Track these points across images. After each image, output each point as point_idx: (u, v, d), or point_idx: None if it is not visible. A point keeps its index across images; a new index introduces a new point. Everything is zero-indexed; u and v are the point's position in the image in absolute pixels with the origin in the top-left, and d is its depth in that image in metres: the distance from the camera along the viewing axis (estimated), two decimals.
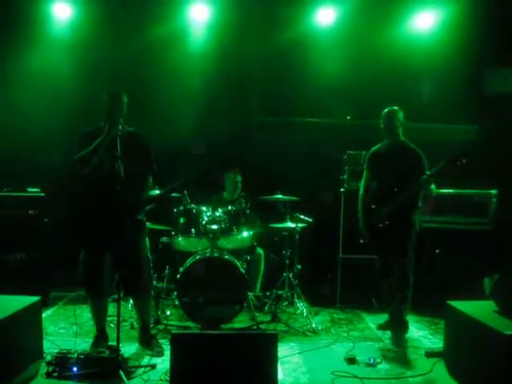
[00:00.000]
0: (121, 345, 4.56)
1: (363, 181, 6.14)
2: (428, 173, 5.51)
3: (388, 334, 5.89)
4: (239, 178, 7.26)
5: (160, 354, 5.10)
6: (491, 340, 4.18)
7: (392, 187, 5.68)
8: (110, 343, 5.01)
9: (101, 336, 5.15)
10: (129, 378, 4.43)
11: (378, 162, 6.00)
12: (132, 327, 5.80)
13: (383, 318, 6.20)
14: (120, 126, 4.82)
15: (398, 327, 5.83)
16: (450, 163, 5.31)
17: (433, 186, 5.73)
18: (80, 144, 4.96)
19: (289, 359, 5.12)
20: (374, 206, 5.82)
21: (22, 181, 6.92)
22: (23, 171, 7.19)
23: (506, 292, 4.64)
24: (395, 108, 5.87)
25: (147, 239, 5.32)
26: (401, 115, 5.84)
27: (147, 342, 5.26)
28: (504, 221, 6.73)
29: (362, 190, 6.11)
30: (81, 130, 5.16)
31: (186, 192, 6.35)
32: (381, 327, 6.10)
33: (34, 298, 4.83)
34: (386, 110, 5.89)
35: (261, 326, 6.04)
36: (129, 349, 5.17)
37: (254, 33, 7.82)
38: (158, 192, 6.00)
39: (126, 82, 6.76)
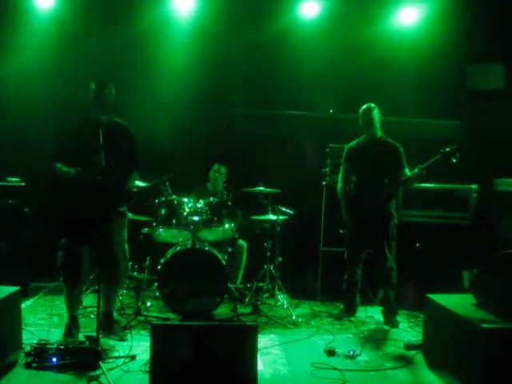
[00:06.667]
0: (100, 335, 4.54)
1: (341, 175, 6.30)
2: (421, 166, 5.65)
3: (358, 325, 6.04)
4: (223, 170, 7.25)
5: (123, 339, 5.14)
6: (470, 333, 4.22)
7: (373, 180, 5.93)
8: (90, 334, 4.97)
9: (72, 324, 5.13)
10: (109, 369, 4.40)
11: (356, 157, 6.16)
12: None
13: (360, 310, 6.30)
14: (104, 117, 4.81)
15: (388, 312, 6.05)
16: (444, 158, 5.47)
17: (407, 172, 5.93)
18: (60, 140, 5.13)
19: (269, 351, 5.13)
20: (367, 194, 5.94)
21: (2, 170, 6.87)
22: (3, 160, 7.12)
23: (484, 285, 4.69)
24: (372, 105, 6.04)
25: (125, 231, 5.31)
26: (377, 111, 6.03)
27: (109, 326, 5.28)
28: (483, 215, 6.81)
29: (340, 184, 6.26)
30: (63, 127, 5.17)
31: (167, 183, 6.35)
32: (337, 317, 6.21)
33: (13, 288, 4.78)
34: (363, 107, 6.07)
35: (241, 317, 6.06)
36: (108, 339, 5.16)
37: (237, 25, 7.79)
38: (141, 184, 6.02)
39: (108, 73, 6.71)
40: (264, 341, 5.32)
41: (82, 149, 4.91)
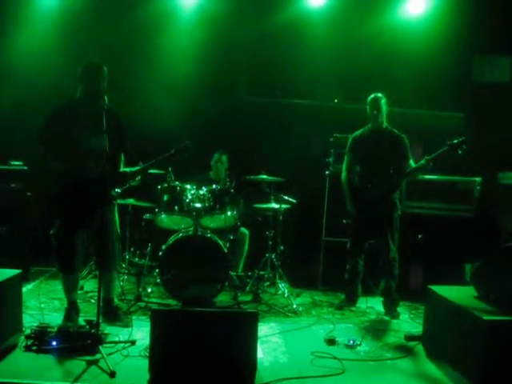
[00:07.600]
0: (100, 320, 4.55)
1: (345, 164, 6.27)
2: (427, 157, 5.63)
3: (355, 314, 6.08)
4: (224, 159, 7.22)
5: (127, 325, 5.12)
6: (471, 325, 4.21)
7: (377, 170, 5.92)
8: (90, 318, 4.98)
9: (72, 308, 5.15)
10: (108, 354, 4.40)
11: (361, 147, 6.14)
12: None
13: (361, 301, 6.29)
14: (106, 99, 4.78)
15: (389, 303, 6.06)
16: (452, 150, 5.44)
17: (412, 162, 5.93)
18: (50, 122, 5.02)
19: (269, 339, 5.13)
20: (369, 185, 5.94)
21: (5, 153, 6.85)
22: (6, 144, 7.11)
23: (486, 278, 4.68)
24: (380, 95, 6.02)
25: (116, 214, 5.31)
26: (385, 101, 6.02)
27: (112, 313, 5.30)
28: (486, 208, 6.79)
29: (345, 173, 6.24)
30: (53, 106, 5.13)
31: (170, 169, 6.34)
32: (338, 307, 6.21)
33: (15, 271, 4.77)
34: (371, 96, 6.04)
35: (242, 305, 6.05)
36: (108, 324, 5.15)
37: (244, 13, 7.77)
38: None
39: (113, 62, 6.69)
40: (264, 329, 5.32)
41: (78, 133, 4.90)
